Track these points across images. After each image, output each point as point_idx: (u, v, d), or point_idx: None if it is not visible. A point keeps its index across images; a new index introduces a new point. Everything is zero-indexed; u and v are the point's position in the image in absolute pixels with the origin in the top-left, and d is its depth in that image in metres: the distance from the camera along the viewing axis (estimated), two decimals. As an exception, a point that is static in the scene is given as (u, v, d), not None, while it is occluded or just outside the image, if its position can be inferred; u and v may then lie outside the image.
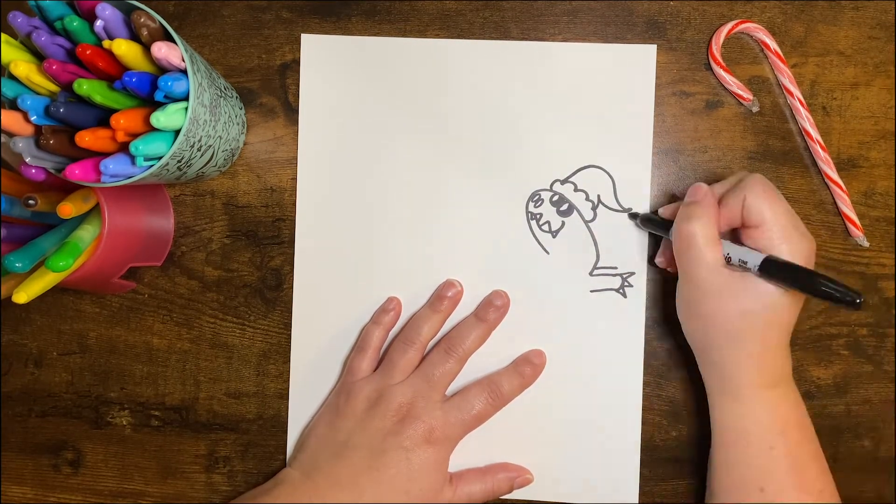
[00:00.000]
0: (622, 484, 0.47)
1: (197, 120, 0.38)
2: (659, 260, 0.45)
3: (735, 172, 0.42)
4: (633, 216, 0.46)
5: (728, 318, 0.38)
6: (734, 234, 0.42)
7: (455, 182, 0.47)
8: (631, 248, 0.47)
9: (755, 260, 0.37)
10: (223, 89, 0.43)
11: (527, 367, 0.46)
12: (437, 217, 0.47)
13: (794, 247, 0.37)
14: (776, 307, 0.37)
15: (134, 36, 0.37)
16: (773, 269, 0.36)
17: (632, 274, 0.47)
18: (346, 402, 0.44)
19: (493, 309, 0.46)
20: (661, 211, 0.44)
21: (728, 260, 0.39)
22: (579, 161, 0.47)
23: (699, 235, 0.38)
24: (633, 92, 0.46)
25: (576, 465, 0.47)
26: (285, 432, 0.47)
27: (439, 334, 0.46)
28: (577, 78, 0.47)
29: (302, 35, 0.47)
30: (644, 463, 0.47)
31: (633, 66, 0.46)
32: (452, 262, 0.47)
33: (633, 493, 0.46)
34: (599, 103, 0.47)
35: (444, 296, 0.46)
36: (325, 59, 0.47)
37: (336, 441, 0.44)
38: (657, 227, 0.44)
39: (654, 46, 0.46)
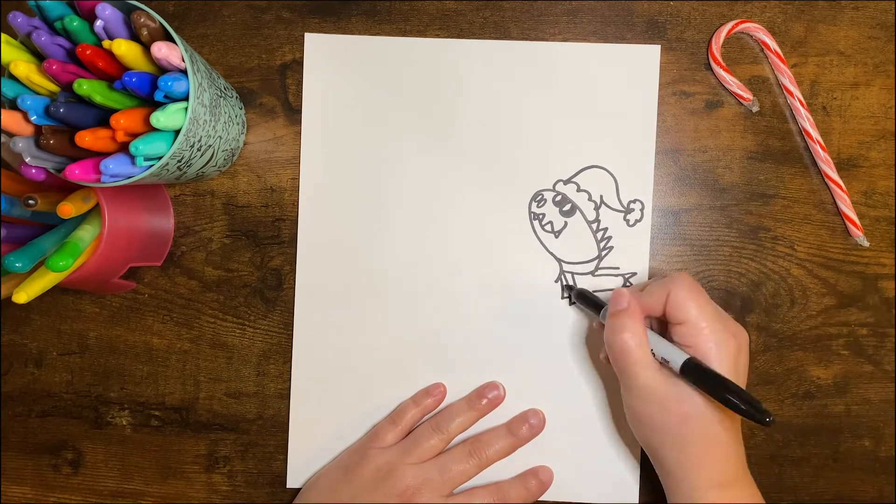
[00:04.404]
0: (622, 484, 0.47)
1: (197, 120, 0.38)
2: (603, 357, 0.43)
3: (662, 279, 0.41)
4: (569, 288, 0.46)
5: (671, 424, 0.38)
6: (662, 326, 0.41)
7: (458, 182, 0.47)
8: (633, 248, 0.47)
9: (677, 360, 0.37)
10: (223, 89, 0.43)
11: (533, 481, 0.45)
12: (439, 218, 0.47)
13: (721, 346, 0.37)
14: (716, 409, 0.37)
15: (134, 36, 0.37)
16: (692, 372, 0.36)
17: (633, 274, 0.47)
18: (357, 464, 0.44)
19: (526, 426, 0.46)
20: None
21: (653, 354, 0.38)
22: (582, 161, 0.47)
23: (633, 348, 0.38)
24: (637, 92, 0.46)
25: (576, 465, 0.47)
26: (285, 432, 0.47)
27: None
28: (580, 78, 0.47)
29: (306, 34, 0.47)
30: (644, 463, 0.47)
31: (637, 66, 0.46)
32: (454, 262, 0.47)
33: (633, 493, 0.46)
34: (603, 103, 0.47)
35: (483, 395, 0.46)
36: (328, 58, 0.47)
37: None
38: (590, 306, 0.43)
39: (658, 47, 0.46)
